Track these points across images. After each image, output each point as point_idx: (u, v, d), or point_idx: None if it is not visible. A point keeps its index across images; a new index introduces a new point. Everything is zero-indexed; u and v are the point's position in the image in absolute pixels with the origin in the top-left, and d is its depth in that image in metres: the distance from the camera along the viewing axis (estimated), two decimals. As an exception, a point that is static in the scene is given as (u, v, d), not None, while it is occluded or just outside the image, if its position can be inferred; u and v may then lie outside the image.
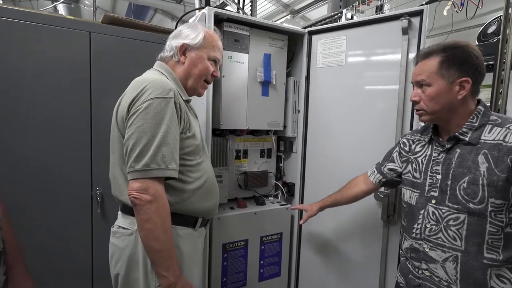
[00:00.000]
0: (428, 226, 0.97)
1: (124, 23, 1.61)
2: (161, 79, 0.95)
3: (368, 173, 1.29)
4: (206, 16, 1.37)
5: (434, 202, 0.97)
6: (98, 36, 1.52)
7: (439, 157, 0.98)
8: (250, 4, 3.22)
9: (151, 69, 1.08)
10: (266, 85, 1.63)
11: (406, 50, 1.36)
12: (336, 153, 1.63)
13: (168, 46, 1.08)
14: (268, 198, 1.80)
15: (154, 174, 0.87)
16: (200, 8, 2.39)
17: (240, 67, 1.55)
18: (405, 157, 1.12)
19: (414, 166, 1.06)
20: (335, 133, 1.63)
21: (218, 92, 1.51)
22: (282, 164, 1.87)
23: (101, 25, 1.56)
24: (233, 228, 1.55)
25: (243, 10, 3.07)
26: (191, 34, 1.06)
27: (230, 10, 3.25)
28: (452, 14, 1.86)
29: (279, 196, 1.82)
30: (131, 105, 0.90)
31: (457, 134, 0.93)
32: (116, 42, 1.57)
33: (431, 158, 1.00)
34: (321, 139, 1.69)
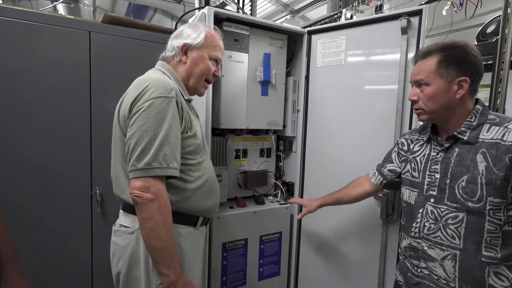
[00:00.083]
0: (427, 225, 0.98)
1: (124, 23, 1.61)
2: (163, 79, 0.96)
3: (369, 174, 1.29)
4: (205, 15, 1.38)
5: (432, 201, 0.97)
6: (98, 35, 1.52)
7: (438, 156, 0.98)
8: (250, 3, 3.22)
9: (153, 68, 1.09)
10: (265, 84, 1.64)
11: (405, 49, 1.37)
12: (335, 152, 1.63)
13: (169, 46, 1.09)
14: (267, 197, 1.81)
15: (156, 172, 0.88)
16: (199, 7, 2.39)
17: (239, 67, 1.56)
18: (404, 156, 1.13)
19: (412, 165, 1.07)
20: (335, 132, 1.63)
21: (217, 91, 1.51)
22: (281, 163, 1.87)
23: (101, 24, 1.55)
24: (232, 227, 1.56)
25: (243, 10, 3.07)
26: (193, 34, 1.06)
27: (230, 9, 3.25)
28: (451, 13, 1.86)
29: (279, 195, 1.82)
30: (133, 104, 0.91)
31: (455, 133, 0.94)
32: (116, 41, 1.57)
33: (430, 157, 1.01)
34: (320, 139, 1.70)
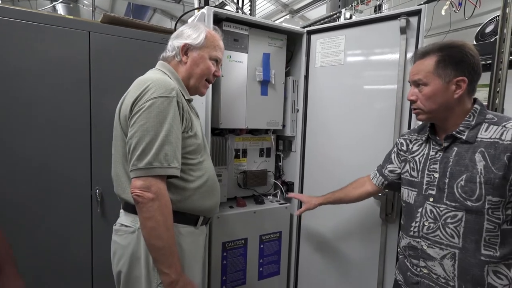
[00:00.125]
0: (426, 224, 0.98)
1: (123, 23, 1.60)
2: (163, 79, 0.96)
3: (370, 175, 1.29)
4: (205, 15, 1.38)
5: (431, 200, 0.98)
6: (98, 35, 1.52)
7: (437, 155, 0.99)
8: (249, 3, 3.22)
9: (154, 68, 1.09)
10: (265, 84, 1.64)
11: (404, 49, 1.37)
12: (334, 152, 1.64)
13: (170, 46, 1.09)
14: (267, 197, 1.81)
15: (157, 172, 0.88)
16: (199, 7, 2.38)
17: (239, 67, 1.56)
18: (403, 156, 1.13)
19: (411, 165, 1.07)
20: (334, 132, 1.64)
21: (217, 91, 1.51)
22: (281, 163, 1.88)
23: (100, 24, 1.55)
24: (232, 227, 1.56)
25: (242, 10, 3.07)
26: (193, 34, 1.06)
27: (229, 9, 3.25)
28: (450, 13, 1.87)
29: (278, 195, 1.82)
30: (134, 103, 0.91)
31: (454, 132, 0.94)
32: (115, 41, 1.57)
33: (429, 157, 1.01)
34: (320, 138, 1.70)
